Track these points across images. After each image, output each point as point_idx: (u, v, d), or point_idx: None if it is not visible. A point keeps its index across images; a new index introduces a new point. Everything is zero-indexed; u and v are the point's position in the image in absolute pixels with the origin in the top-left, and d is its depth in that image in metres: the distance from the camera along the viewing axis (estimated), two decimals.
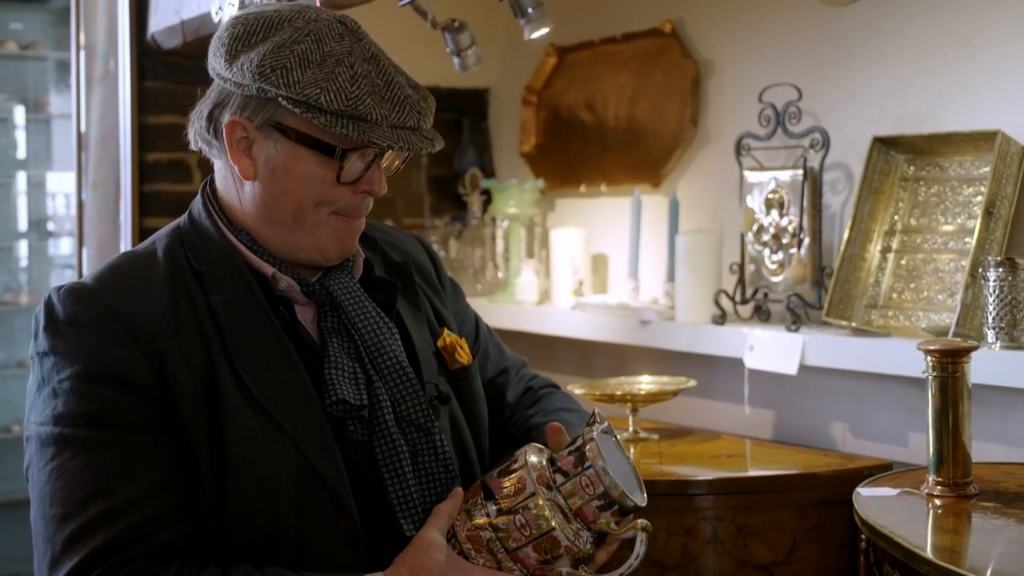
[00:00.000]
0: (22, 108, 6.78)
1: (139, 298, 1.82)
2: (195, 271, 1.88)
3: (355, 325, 1.93)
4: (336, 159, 1.85)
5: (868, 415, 3.23)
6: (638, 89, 4.05)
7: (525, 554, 1.83)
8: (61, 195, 6.88)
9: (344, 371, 1.89)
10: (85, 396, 1.76)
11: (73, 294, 1.82)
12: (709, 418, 3.65)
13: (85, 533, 1.70)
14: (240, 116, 1.87)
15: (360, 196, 1.91)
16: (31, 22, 6.83)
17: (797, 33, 3.48)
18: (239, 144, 1.89)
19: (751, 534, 2.87)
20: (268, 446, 1.79)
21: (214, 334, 1.82)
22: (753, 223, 3.36)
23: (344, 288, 1.95)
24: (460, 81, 4.57)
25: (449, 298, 2.22)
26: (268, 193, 1.89)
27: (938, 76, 3.10)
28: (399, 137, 1.84)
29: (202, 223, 1.95)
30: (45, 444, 1.76)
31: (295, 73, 1.80)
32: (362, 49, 1.87)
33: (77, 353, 1.77)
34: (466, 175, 4.54)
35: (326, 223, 1.90)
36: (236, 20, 1.89)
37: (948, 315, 2.91)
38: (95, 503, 1.71)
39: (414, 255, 2.19)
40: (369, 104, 1.81)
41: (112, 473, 1.73)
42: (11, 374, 6.73)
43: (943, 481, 2.38)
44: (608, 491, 1.83)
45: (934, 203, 3.07)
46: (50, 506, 1.73)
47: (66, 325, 1.79)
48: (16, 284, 6.80)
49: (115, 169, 4.25)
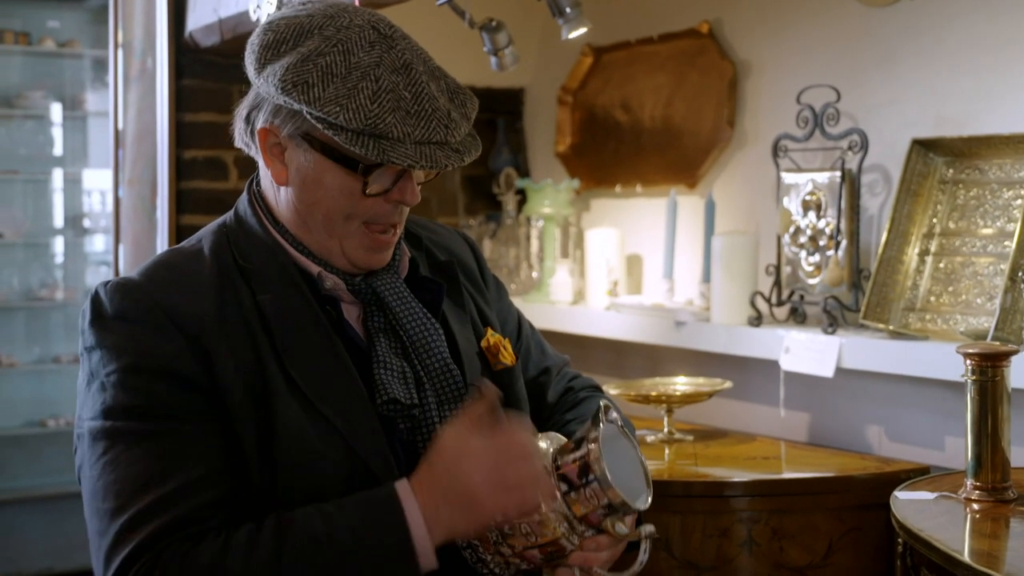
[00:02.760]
0: (59, 105, 6.81)
1: (186, 295, 1.82)
2: (242, 269, 1.88)
3: (402, 324, 1.93)
4: (360, 174, 1.84)
5: (904, 419, 3.21)
6: (674, 90, 4.04)
7: (532, 555, 1.84)
8: (97, 192, 6.91)
9: (393, 370, 1.89)
10: (134, 388, 1.76)
11: (120, 289, 1.82)
12: (744, 420, 3.64)
13: (137, 523, 1.69)
14: (271, 124, 1.87)
15: (392, 205, 1.89)
16: (68, 20, 6.86)
17: (836, 34, 3.47)
18: (272, 150, 1.89)
19: (786, 537, 2.86)
20: (320, 444, 1.79)
21: (262, 333, 1.82)
22: (790, 225, 3.35)
23: (390, 287, 1.95)
24: (496, 81, 4.56)
25: (492, 296, 2.22)
26: (300, 200, 1.89)
27: (978, 78, 3.08)
28: (422, 155, 1.81)
29: (248, 221, 1.95)
30: (96, 439, 1.76)
31: (317, 89, 1.78)
32: (392, 59, 1.83)
33: (125, 347, 1.78)
34: (501, 175, 4.53)
35: (356, 234, 1.89)
36: (268, 26, 1.88)
37: (986, 319, 2.90)
38: (147, 493, 1.71)
39: (459, 253, 2.18)
40: (391, 121, 1.78)
41: (163, 462, 1.73)
42: (47, 369, 6.76)
43: (981, 485, 2.36)
44: (611, 502, 1.83)
45: (973, 206, 3.05)
46: (103, 500, 1.73)
47: (113, 320, 1.80)
48: (52, 280, 6.84)
49: (152, 166, 4.27)
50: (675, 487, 2.91)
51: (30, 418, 6.64)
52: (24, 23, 6.74)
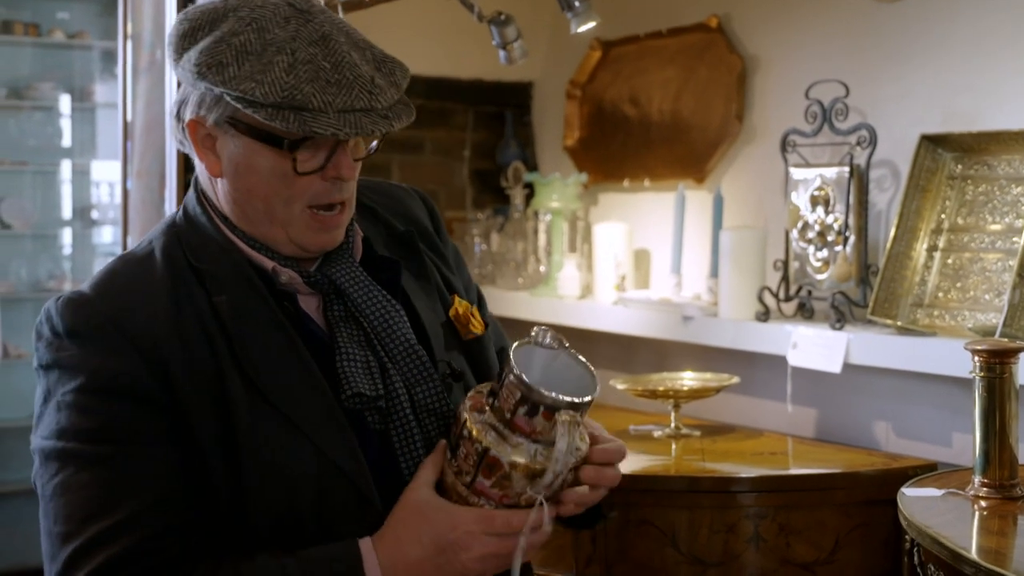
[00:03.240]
0: (68, 97, 6.81)
1: (138, 304, 1.78)
2: (195, 270, 1.83)
3: (362, 311, 1.88)
4: (287, 151, 1.79)
5: (912, 415, 3.21)
6: (683, 84, 4.04)
7: (481, 484, 1.76)
8: (105, 184, 6.91)
9: (357, 362, 1.84)
10: (88, 410, 1.72)
11: (71, 305, 1.78)
12: (751, 415, 3.64)
13: (86, 552, 1.67)
14: (198, 115, 1.83)
15: (330, 183, 1.83)
16: (78, 12, 6.86)
17: (845, 29, 3.46)
18: (204, 142, 1.84)
19: (793, 532, 2.85)
20: (286, 447, 1.75)
21: (219, 336, 1.77)
22: (798, 220, 3.34)
23: (347, 274, 1.89)
24: (504, 75, 4.56)
25: (452, 261, 2.14)
26: (236, 190, 1.84)
27: (987, 74, 3.07)
28: (346, 122, 1.75)
29: (198, 219, 1.89)
30: (49, 459, 1.74)
31: (232, 68, 1.74)
32: (310, 31, 1.79)
33: (79, 366, 1.74)
34: (509, 169, 4.53)
35: (300, 218, 1.84)
36: (183, 16, 1.83)
37: (995, 315, 2.89)
38: (96, 522, 1.68)
39: (417, 217, 2.11)
40: (308, 92, 1.73)
41: (114, 489, 1.70)
42: None
43: (989, 482, 2.36)
44: (525, 395, 1.73)
45: (982, 202, 3.04)
46: (54, 523, 1.70)
47: (66, 338, 1.76)
48: (60, 272, 6.84)
49: (160, 158, 4.27)
50: (682, 482, 2.91)
51: None
52: (33, 14, 6.73)
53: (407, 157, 4.63)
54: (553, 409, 1.72)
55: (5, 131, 6.69)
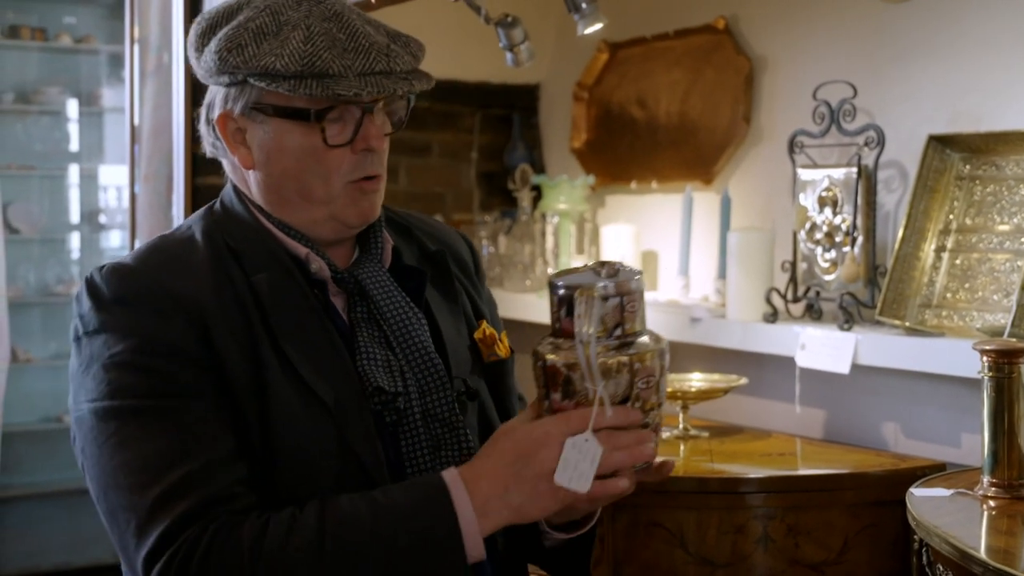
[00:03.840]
0: (75, 101, 6.82)
1: (181, 276, 1.81)
2: (233, 251, 1.87)
3: (383, 314, 1.91)
4: (315, 123, 1.84)
5: (921, 415, 3.20)
6: (690, 86, 4.04)
7: (555, 401, 1.75)
8: (113, 188, 6.92)
9: (376, 360, 1.87)
10: (144, 368, 1.74)
11: (116, 273, 1.81)
12: (760, 416, 3.64)
13: (175, 495, 1.67)
14: (225, 108, 1.88)
15: (361, 155, 1.87)
16: (85, 16, 6.87)
17: (852, 30, 3.46)
18: (235, 136, 1.89)
19: (802, 533, 2.85)
20: (310, 423, 1.77)
21: (256, 312, 1.81)
22: (806, 221, 3.34)
23: (372, 277, 1.93)
24: (511, 77, 4.57)
25: (486, 301, 2.17)
26: (269, 176, 1.89)
27: (995, 74, 3.07)
28: (367, 83, 1.81)
29: (234, 207, 1.94)
30: (104, 418, 1.74)
31: (250, 48, 1.80)
32: (322, 10, 1.85)
33: (128, 328, 1.76)
34: (516, 171, 4.53)
35: (343, 193, 1.88)
36: (200, 18, 1.90)
37: (1003, 315, 2.89)
38: (178, 466, 1.69)
39: (453, 246, 2.15)
40: (327, 58, 1.79)
41: (185, 439, 1.71)
42: (63, 365, 6.74)
43: (998, 482, 2.36)
44: (558, 296, 1.74)
45: (990, 202, 3.04)
46: (125, 476, 1.70)
47: (113, 303, 1.78)
48: (68, 276, 6.85)
49: (168, 162, 4.28)
50: (690, 483, 2.91)
51: (46, 413, 6.66)
52: (40, 19, 6.75)
53: (414, 160, 4.64)
54: (588, 294, 1.72)
55: (13, 136, 6.71)
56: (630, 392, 1.74)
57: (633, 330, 1.75)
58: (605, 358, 1.72)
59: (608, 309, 1.72)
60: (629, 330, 1.75)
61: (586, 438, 1.71)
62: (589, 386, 1.72)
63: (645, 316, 1.79)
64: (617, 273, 1.75)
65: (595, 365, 1.70)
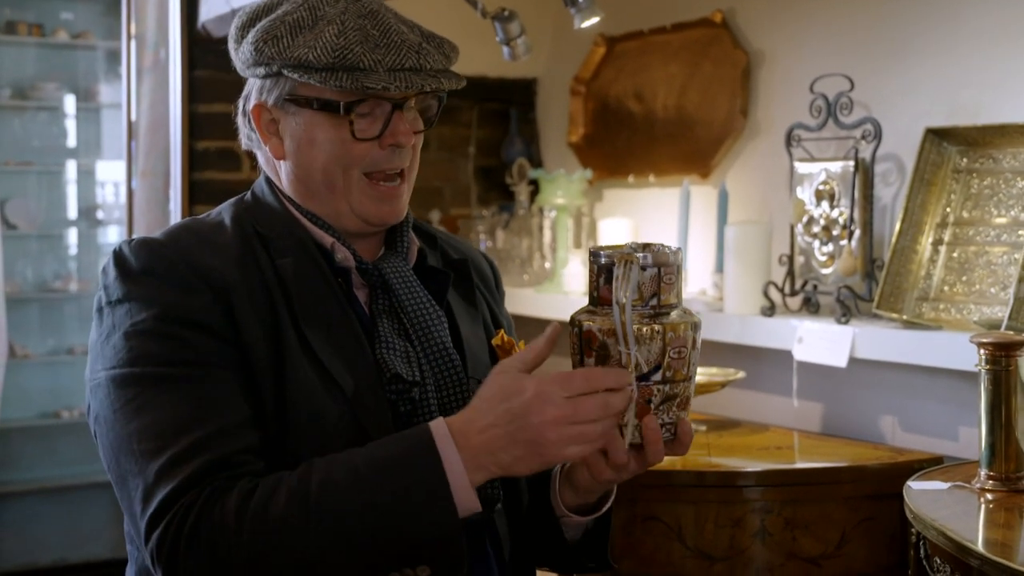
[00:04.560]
0: (72, 97, 6.81)
1: (209, 254, 1.84)
2: (261, 236, 1.90)
3: (404, 308, 1.93)
4: (344, 115, 1.87)
5: (918, 408, 3.21)
6: (687, 79, 4.04)
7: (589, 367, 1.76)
8: (110, 183, 6.91)
9: (396, 349, 1.89)
10: (165, 336, 1.76)
11: (146, 246, 1.83)
12: (757, 410, 3.64)
13: (180, 461, 1.68)
14: (260, 99, 1.93)
15: (388, 151, 1.91)
16: (82, 12, 6.87)
17: (849, 23, 3.46)
18: (268, 127, 1.94)
19: (799, 526, 2.86)
20: (326, 406, 1.79)
21: (280, 294, 1.83)
22: (803, 214, 3.34)
23: (396, 271, 1.95)
24: (508, 71, 4.57)
25: (505, 320, 2.19)
26: (299, 167, 1.92)
27: (992, 67, 3.07)
28: (396, 78, 1.84)
29: (265, 197, 1.97)
30: (122, 385, 1.75)
31: (285, 40, 1.85)
32: (359, 8, 1.90)
33: (153, 298, 1.78)
34: (514, 165, 4.53)
35: (358, 187, 1.91)
36: (241, 11, 1.95)
37: (1000, 308, 2.89)
38: (189, 432, 1.69)
39: (476, 260, 2.18)
40: (359, 52, 1.83)
41: (200, 405, 1.72)
42: (61, 360, 6.77)
43: (995, 475, 2.36)
44: (597, 265, 1.77)
45: (987, 195, 3.04)
46: (138, 442, 1.71)
47: (140, 274, 1.80)
48: (66, 272, 6.85)
49: (165, 158, 4.28)
50: (688, 477, 2.91)
51: (44, 409, 6.65)
52: (37, 15, 6.74)
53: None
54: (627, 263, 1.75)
55: (10, 132, 6.70)
56: (661, 360, 1.76)
57: (668, 302, 1.78)
58: (640, 324, 1.74)
59: (645, 279, 1.76)
60: (665, 301, 1.77)
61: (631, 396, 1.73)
62: (623, 350, 1.73)
63: (682, 292, 1.82)
64: (659, 249, 1.79)
65: (631, 328, 1.73)
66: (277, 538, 1.64)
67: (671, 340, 1.76)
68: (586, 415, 1.67)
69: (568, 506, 1.98)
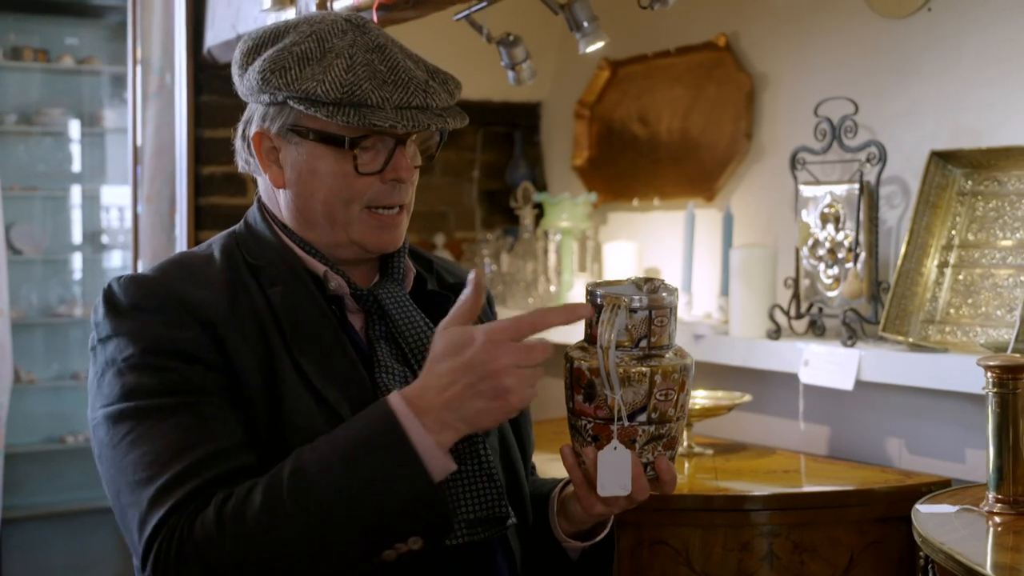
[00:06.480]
0: (77, 122, 6.85)
1: (199, 287, 1.84)
2: (251, 267, 1.91)
3: (401, 333, 1.93)
4: (348, 150, 1.87)
5: (925, 431, 3.20)
6: (692, 103, 4.04)
7: (578, 403, 1.80)
8: (115, 208, 6.94)
9: (395, 375, 1.89)
10: (154, 368, 1.76)
11: (134, 283, 1.84)
12: (763, 433, 3.63)
13: (172, 486, 1.69)
14: (262, 127, 1.92)
15: (389, 186, 1.92)
16: (87, 37, 6.90)
17: (853, 46, 3.47)
18: (268, 155, 1.94)
19: (808, 550, 2.85)
20: (322, 429, 1.77)
21: (272, 324, 1.84)
22: (808, 237, 3.34)
23: (392, 297, 1.95)
24: (512, 95, 4.57)
25: None
26: (299, 196, 1.92)
27: (996, 89, 3.07)
28: (403, 116, 1.85)
29: (257, 226, 1.98)
30: (119, 420, 1.76)
31: (293, 71, 1.85)
32: (366, 41, 1.90)
33: (142, 334, 1.79)
34: (518, 188, 4.53)
35: (359, 219, 1.91)
36: (246, 37, 1.95)
37: (1007, 331, 2.89)
38: (180, 459, 1.70)
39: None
40: (367, 88, 1.84)
41: (194, 432, 1.73)
42: (66, 385, 6.79)
43: (1003, 498, 2.35)
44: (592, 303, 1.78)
45: (992, 218, 3.04)
46: (132, 473, 1.72)
47: (129, 310, 1.81)
48: (70, 296, 6.87)
49: (170, 183, 4.28)
50: (695, 501, 2.90)
51: (49, 434, 6.66)
52: (43, 40, 6.78)
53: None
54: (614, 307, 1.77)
55: (15, 157, 6.73)
56: (647, 402, 1.77)
57: (660, 343, 1.79)
58: (627, 366, 1.76)
59: (636, 321, 1.77)
60: (656, 343, 1.79)
61: (615, 447, 1.77)
62: (608, 392, 1.75)
63: (675, 333, 1.83)
64: (656, 289, 1.80)
65: (613, 371, 1.74)
66: (258, 537, 1.65)
67: (659, 383, 1.78)
68: (539, 356, 1.67)
69: (566, 532, 2.00)
